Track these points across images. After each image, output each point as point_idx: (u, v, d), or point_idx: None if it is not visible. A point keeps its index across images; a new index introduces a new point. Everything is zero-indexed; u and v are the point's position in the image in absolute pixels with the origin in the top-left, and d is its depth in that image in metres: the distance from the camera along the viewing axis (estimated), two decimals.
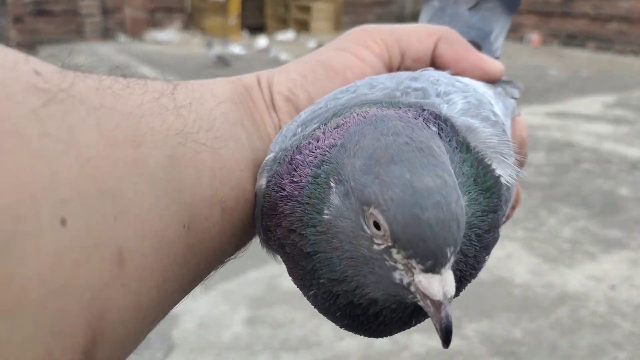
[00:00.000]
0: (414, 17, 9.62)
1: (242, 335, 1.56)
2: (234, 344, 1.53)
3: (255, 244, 0.33)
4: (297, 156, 0.21)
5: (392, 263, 0.18)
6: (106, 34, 7.60)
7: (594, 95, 4.50)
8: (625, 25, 6.66)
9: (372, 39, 0.27)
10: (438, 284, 0.17)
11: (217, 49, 5.81)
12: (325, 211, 0.19)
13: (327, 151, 0.20)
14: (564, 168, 2.92)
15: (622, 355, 1.48)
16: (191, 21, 8.08)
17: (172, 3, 7.88)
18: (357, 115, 0.21)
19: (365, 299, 0.20)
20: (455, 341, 1.57)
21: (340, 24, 8.51)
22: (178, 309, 1.27)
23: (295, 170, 0.21)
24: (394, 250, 0.18)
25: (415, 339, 1.55)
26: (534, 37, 7.32)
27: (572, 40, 7.11)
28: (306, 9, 8.33)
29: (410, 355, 1.49)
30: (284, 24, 8.49)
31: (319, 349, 1.51)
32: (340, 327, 0.23)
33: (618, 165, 2.97)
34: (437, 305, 0.18)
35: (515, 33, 7.75)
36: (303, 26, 8.23)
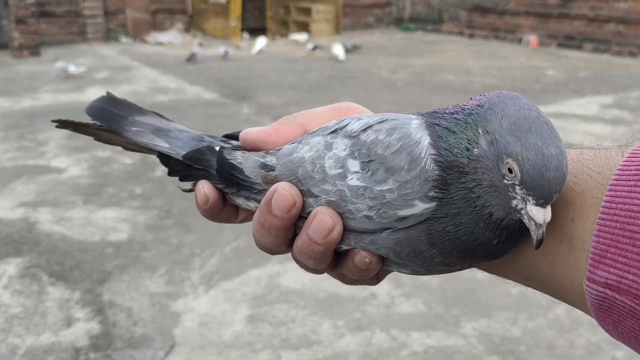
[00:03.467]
0: (412, 19, 9.66)
1: (243, 333, 1.58)
2: (235, 342, 1.54)
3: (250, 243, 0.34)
4: (444, 110, 0.30)
5: (514, 194, 0.27)
6: (108, 36, 7.62)
7: (591, 96, 4.52)
8: (623, 26, 6.68)
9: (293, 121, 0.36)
10: (542, 214, 0.26)
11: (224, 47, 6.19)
12: (475, 149, 0.28)
13: (475, 108, 0.29)
14: None
15: (620, 354, 1.50)
16: (192, 23, 8.09)
17: (174, 5, 7.90)
18: (492, 93, 0.30)
19: (489, 214, 0.28)
20: (453, 340, 1.59)
21: (339, 26, 8.54)
22: (179, 307, 1.31)
23: (445, 117, 0.30)
24: (517, 187, 0.27)
25: (414, 337, 1.57)
26: (532, 38, 7.34)
27: (569, 41, 7.14)
28: (306, 11, 8.35)
29: (409, 353, 1.50)
30: (284, 26, 8.51)
31: (319, 347, 1.53)
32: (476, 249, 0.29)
33: None
34: (538, 225, 0.26)
35: (513, 34, 7.78)
36: (303, 28, 8.24)
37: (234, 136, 0.37)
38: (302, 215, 0.32)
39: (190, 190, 0.37)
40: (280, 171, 0.33)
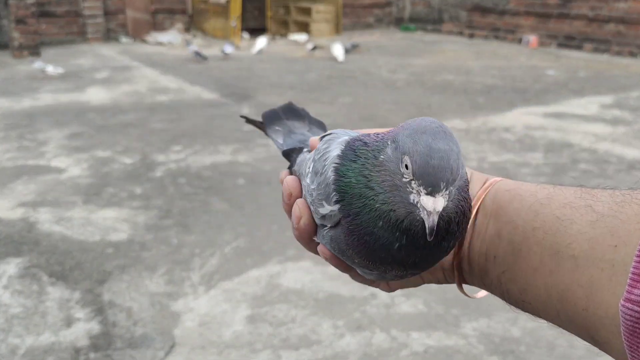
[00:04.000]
0: (412, 19, 9.64)
1: (243, 333, 1.58)
2: (234, 343, 1.54)
3: (252, 242, 0.35)
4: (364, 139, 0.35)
5: (411, 189, 0.30)
6: (108, 36, 7.62)
7: (591, 96, 4.52)
8: (623, 26, 6.68)
9: None
10: (432, 202, 0.29)
11: (194, 46, 6.22)
12: (381, 156, 0.32)
13: (387, 133, 0.34)
14: (562, 168, 2.94)
15: None
16: (192, 23, 8.09)
17: (174, 5, 7.90)
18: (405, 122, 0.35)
19: (388, 212, 0.31)
20: (453, 340, 1.59)
21: (339, 26, 8.54)
22: (179, 307, 1.31)
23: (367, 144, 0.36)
24: (413, 182, 0.30)
25: (414, 337, 1.57)
26: (532, 38, 7.34)
27: (569, 41, 7.14)
28: (306, 11, 8.35)
29: (409, 353, 1.50)
30: (284, 26, 8.51)
31: (319, 347, 1.53)
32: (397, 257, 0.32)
33: (616, 166, 2.99)
34: (429, 213, 0.29)
35: (513, 34, 7.78)
36: (303, 28, 8.24)
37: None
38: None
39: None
40: (295, 167, 0.41)
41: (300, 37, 7.48)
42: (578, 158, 3.09)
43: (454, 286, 0.38)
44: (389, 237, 0.31)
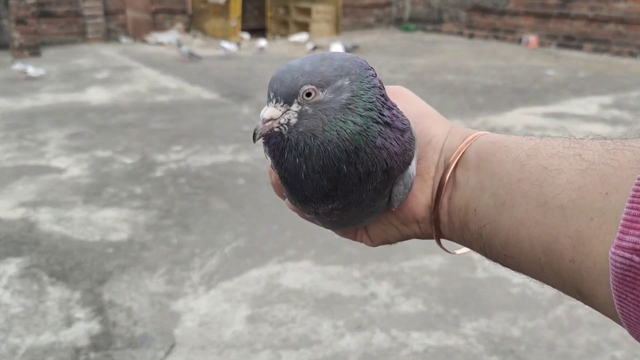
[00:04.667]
0: (412, 20, 9.64)
1: (243, 333, 1.58)
2: (234, 342, 1.54)
3: (252, 242, 0.35)
4: None
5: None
6: (108, 36, 7.62)
7: (591, 96, 4.52)
8: (622, 26, 6.68)
9: None
10: (263, 110, 0.30)
11: (186, 46, 6.25)
12: None
13: None
14: None
15: (619, 353, 1.50)
16: (192, 23, 8.09)
17: (174, 5, 7.90)
18: None
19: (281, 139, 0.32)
20: (453, 339, 1.59)
21: (340, 26, 8.54)
22: (179, 307, 1.31)
23: None
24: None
25: (414, 337, 1.57)
26: (532, 38, 7.34)
27: (569, 41, 7.14)
28: (306, 11, 8.35)
29: (409, 353, 1.50)
30: (284, 26, 8.51)
31: (319, 347, 1.53)
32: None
33: None
34: (260, 119, 0.30)
35: (512, 35, 7.78)
36: (303, 28, 8.24)
37: None
38: None
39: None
40: None
41: (301, 37, 7.49)
42: None
43: (454, 286, 0.38)
44: (291, 164, 0.31)
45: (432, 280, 1.82)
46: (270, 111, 0.29)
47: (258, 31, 8.06)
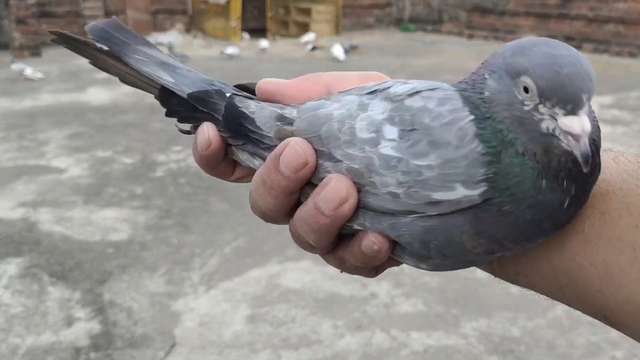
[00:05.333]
0: (412, 20, 9.66)
1: (243, 333, 1.58)
2: (235, 342, 1.54)
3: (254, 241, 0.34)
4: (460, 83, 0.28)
5: (540, 116, 0.23)
6: None
7: None
8: (622, 27, 6.69)
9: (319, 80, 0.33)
10: (577, 122, 0.23)
11: (179, 48, 6.23)
12: (486, 92, 0.25)
13: (477, 68, 0.28)
14: None
15: (619, 353, 1.50)
16: (193, 23, 8.10)
17: (174, 5, 7.91)
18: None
19: (535, 156, 0.24)
20: (453, 339, 1.59)
21: (340, 26, 8.55)
22: (179, 307, 1.32)
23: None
24: (540, 106, 0.23)
25: (414, 337, 1.57)
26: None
27: (569, 41, 7.08)
28: (306, 12, 8.36)
29: (409, 353, 1.51)
30: (284, 26, 8.52)
31: (319, 347, 1.53)
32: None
33: None
34: (577, 137, 0.22)
35: (512, 35, 7.78)
36: (303, 28, 8.25)
37: (247, 88, 0.34)
38: (311, 182, 0.28)
39: (188, 132, 0.34)
40: (299, 126, 0.29)
41: (309, 37, 7.45)
42: None
43: (454, 286, 0.37)
44: (558, 196, 0.23)
45: (432, 280, 1.82)
46: (588, 121, 0.23)
47: (258, 31, 8.07)
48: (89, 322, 1.63)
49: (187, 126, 0.34)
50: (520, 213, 0.24)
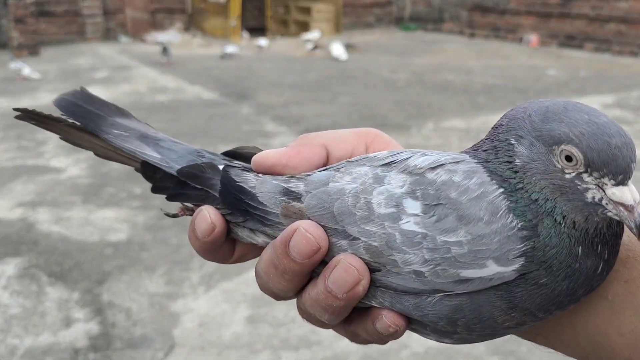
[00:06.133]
0: (413, 19, 9.64)
1: (243, 334, 1.57)
2: (234, 343, 1.53)
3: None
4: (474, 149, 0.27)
5: (585, 185, 0.23)
6: (107, 35, 7.61)
7: (592, 96, 4.51)
8: (624, 26, 6.67)
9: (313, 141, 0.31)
10: (628, 192, 0.22)
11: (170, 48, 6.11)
12: (517, 160, 0.24)
13: (494, 132, 0.26)
14: None
15: None
16: (192, 22, 8.09)
17: (173, 4, 7.90)
18: (507, 112, 0.26)
19: (574, 224, 0.23)
20: None
21: (340, 25, 8.53)
22: (179, 308, 1.30)
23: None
24: (585, 175, 0.23)
25: (415, 337, 1.56)
26: (533, 38, 7.33)
27: (570, 41, 7.13)
28: (306, 10, 8.35)
29: (409, 354, 1.50)
30: (284, 25, 8.51)
31: (319, 347, 1.52)
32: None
33: None
34: (630, 208, 0.22)
35: (514, 34, 7.77)
36: (303, 27, 8.24)
37: (238, 155, 0.31)
38: (325, 260, 0.26)
39: (175, 215, 0.32)
40: (309, 203, 0.27)
41: (313, 35, 7.43)
42: None
43: None
44: (593, 262, 0.23)
45: None
46: (636, 191, 0.22)
47: (258, 30, 8.06)
48: (87, 322, 1.62)
49: (173, 207, 0.31)
50: (557, 284, 0.23)
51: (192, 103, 4.27)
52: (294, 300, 0.29)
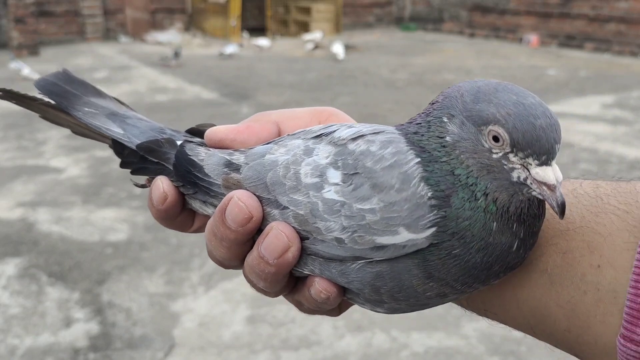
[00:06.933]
0: (413, 19, 9.64)
1: (243, 334, 1.57)
2: (234, 343, 1.53)
3: None
4: (407, 123, 0.27)
5: (510, 165, 0.24)
6: (107, 35, 7.61)
7: (592, 96, 4.51)
8: (624, 26, 6.68)
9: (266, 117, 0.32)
10: (551, 172, 0.23)
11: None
12: (447, 137, 0.25)
13: (429, 108, 0.26)
14: (562, 168, 2.89)
15: None
16: (192, 22, 8.09)
17: (173, 4, 7.90)
18: (444, 90, 0.27)
19: (495, 201, 0.24)
20: (454, 340, 1.58)
21: (339, 25, 8.53)
22: (179, 308, 1.30)
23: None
24: (511, 155, 0.23)
25: (415, 338, 1.56)
26: (533, 38, 7.34)
27: (570, 41, 7.13)
28: (306, 10, 8.35)
29: (409, 353, 1.50)
30: (284, 25, 8.51)
31: (319, 347, 1.52)
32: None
33: (616, 166, 2.98)
34: (553, 188, 0.23)
35: (514, 34, 7.78)
36: (303, 27, 8.24)
37: (199, 132, 0.33)
38: (261, 229, 0.28)
39: (144, 186, 0.33)
40: (246, 174, 0.28)
41: (314, 35, 7.42)
42: (578, 158, 3.09)
43: None
44: (507, 239, 0.24)
45: None
46: (559, 171, 0.23)
47: (258, 30, 8.06)
48: (87, 322, 1.62)
49: (141, 179, 0.33)
50: (470, 256, 0.24)
51: (192, 103, 4.27)
52: (294, 300, 0.30)
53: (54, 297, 1.75)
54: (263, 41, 6.80)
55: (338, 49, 6.16)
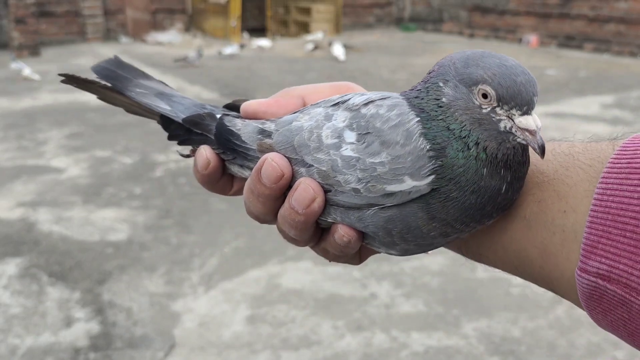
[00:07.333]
0: (413, 19, 9.64)
1: (243, 334, 1.57)
2: (234, 343, 1.54)
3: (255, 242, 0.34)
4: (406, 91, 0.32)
5: (498, 117, 0.28)
6: (108, 35, 7.62)
7: (591, 96, 4.52)
8: (623, 26, 6.68)
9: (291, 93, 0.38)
10: (532, 120, 0.27)
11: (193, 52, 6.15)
12: (443, 99, 0.29)
13: (427, 77, 0.31)
14: None
15: (621, 354, 1.49)
16: (192, 23, 8.10)
17: (174, 5, 7.90)
18: (438, 61, 0.32)
19: (488, 156, 0.28)
20: (454, 340, 1.59)
21: (339, 26, 8.54)
22: (179, 308, 1.30)
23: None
24: (497, 108, 0.28)
25: (415, 337, 1.56)
26: (532, 38, 7.34)
27: (570, 41, 7.13)
28: (306, 11, 8.35)
29: (409, 353, 1.50)
30: (284, 25, 8.51)
31: (319, 347, 1.52)
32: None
33: None
34: (533, 132, 0.27)
35: (513, 34, 7.78)
36: (303, 28, 8.24)
37: (234, 107, 0.39)
38: (291, 185, 0.32)
39: (188, 156, 0.38)
40: (277, 139, 0.33)
41: (316, 35, 7.41)
42: None
43: (454, 286, 0.38)
44: (497, 182, 0.28)
45: (432, 281, 1.82)
46: (538, 119, 0.27)
47: (258, 31, 8.07)
48: (88, 322, 1.62)
49: (186, 150, 0.39)
50: (466, 198, 0.28)
51: None
52: (294, 301, 0.32)
53: (54, 297, 1.75)
54: (263, 41, 6.81)
55: (338, 49, 6.16)
